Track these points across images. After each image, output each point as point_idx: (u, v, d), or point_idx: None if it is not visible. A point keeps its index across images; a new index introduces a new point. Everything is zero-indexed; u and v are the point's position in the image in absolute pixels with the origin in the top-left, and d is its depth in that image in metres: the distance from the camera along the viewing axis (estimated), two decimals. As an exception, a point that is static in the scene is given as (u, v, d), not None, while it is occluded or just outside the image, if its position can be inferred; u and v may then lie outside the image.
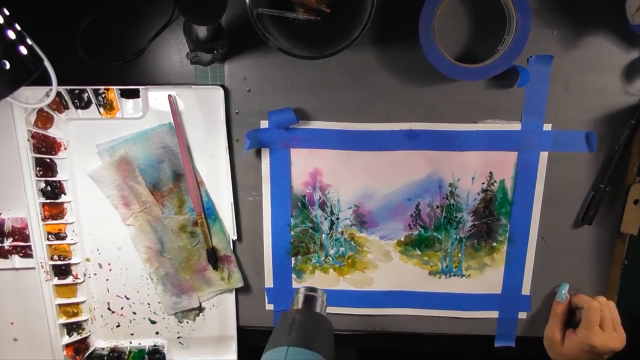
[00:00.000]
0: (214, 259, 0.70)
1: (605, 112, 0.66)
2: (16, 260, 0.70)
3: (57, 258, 0.70)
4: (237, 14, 0.63)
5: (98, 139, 0.67)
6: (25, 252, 0.70)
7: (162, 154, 0.67)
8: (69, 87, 0.64)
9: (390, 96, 0.66)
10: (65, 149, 0.68)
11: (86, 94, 0.65)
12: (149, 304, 0.73)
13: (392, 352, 0.86)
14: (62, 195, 0.68)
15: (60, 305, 0.71)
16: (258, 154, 0.68)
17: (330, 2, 0.59)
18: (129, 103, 0.66)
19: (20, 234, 0.69)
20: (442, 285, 0.73)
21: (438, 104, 0.66)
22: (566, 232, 0.70)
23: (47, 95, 0.62)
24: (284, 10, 0.56)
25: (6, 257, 0.70)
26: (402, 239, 0.71)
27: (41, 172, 0.66)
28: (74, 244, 0.70)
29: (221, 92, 0.65)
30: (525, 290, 0.72)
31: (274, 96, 0.67)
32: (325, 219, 0.71)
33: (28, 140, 0.65)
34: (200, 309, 0.74)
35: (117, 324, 0.74)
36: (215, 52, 0.58)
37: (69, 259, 0.70)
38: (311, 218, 0.71)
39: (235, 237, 0.71)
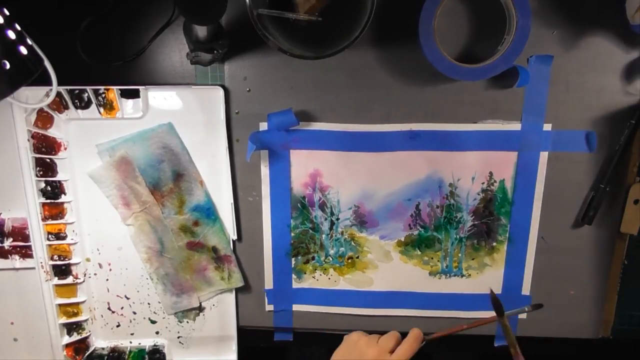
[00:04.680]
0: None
1: (605, 112, 0.66)
2: (16, 260, 0.70)
3: (57, 258, 0.70)
4: (237, 14, 0.63)
5: (98, 139, 0.67)
6: (25, 252, 0.70)
7: (162, 154, 0.67)
8: (69, 87, 0.64)
9: (390, 96, 0.66)
10: (65, 149, 0.68)
11: (86, 94, 0.65)
12: (149, 303, 0.73)
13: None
14: (62, 195, 0.68)
15: (60, 305, 0.71)
16: (258, 154, 0.68)
17: (331, 2, 0.59)
18: (129, 103, 0.66)
19: (20, 234, 0.69)
20: (442, 285, 0.73)
21: (438, 104, 0.66)
22: (566, 232, 0.70)
23: (47, 95, 0.62)
24: (284, 11, 0.56)
25: (6, 257, 0.70)
26: (402, 239, 0.71)
27: (41, 172, 0.66)
28: (74, 244, 0.70)
29: (221, 92, 0.65)
30: (525, 290, 0.72)
31: (274, 96, 0.67)
32: (326, 219, 0.71)
33: (28, 140, 0.65)
34: (200, 309, 0.74)
35: (117, 324, 0.74)
36: (215, 52, 0.58)
37: (69, 259, 0.70)
38: (311, 219, 0.71)
39: (235, 237, 0.71)
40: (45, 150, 0.66)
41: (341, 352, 0.57)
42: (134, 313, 0.74)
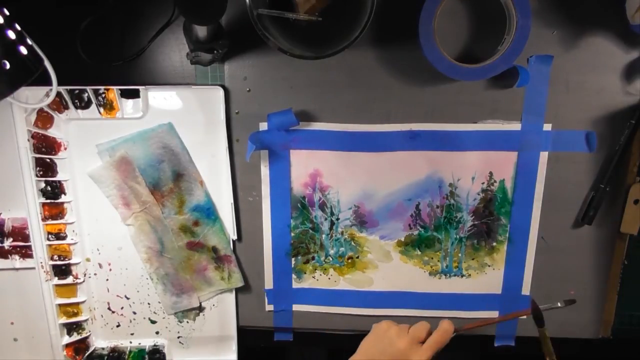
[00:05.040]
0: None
1: (605, 112, 0.66)
2: (16, 260, 0.70)
3: (57, 258, 0.70)
4: (237, 14, 0.63)
5: (98, 139, 0.67)
6: (25, 252, 0.70)
7: (162, 154, 0.67)
8: (69, 87, 0.64)
9: (390, 96, 0.66)
10: (65, 149, 0.68)
11: (86, 94, 0.65)
12: (149, 303, 0.73)
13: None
14: (62, 195, 0.68)
15: (60, 305, 0.71)
16: (258, 155, 0.68)
17: (331, 2, 0.59)
18: (129, 103, 0.66)
19: (20, 234, 0.69)
20: (442, 285, 0.73)
21: (438, 104, 0.66)
22: (566, 232, 0.70)
23: (47, 95, 0.62)
24: (284, 11, 0.56)
25: (6, 257, 0.70)
26: (402, 239, 0.71)
27: (41, 172, 0.66)
28: (74, 244, 0.70)
29: (221, 92, 0.65)
30: (525, 290, 0.72)
31: (274, 96, 0.67)
32: (326, 219, 0.71)
33: (28, 140, 0.65)
34: (200, 309, 0.74)
35: (117, 324, 0.74)
36: (215, 52, 0.58)
37: (69, 259, 0.70)
38: (311, 219, 0.71)
39: (235, 237, 0.71)
40: (45, 150, 0.66)
41: (369, 341, 0.55)
42: (134, 313, 0.74)
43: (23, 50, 0.47)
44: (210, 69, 0.66)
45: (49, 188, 0.67)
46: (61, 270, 0.70)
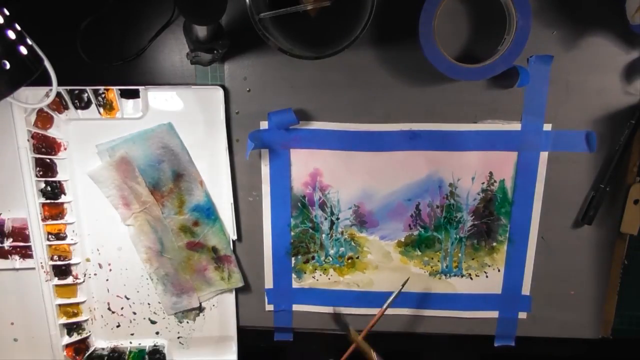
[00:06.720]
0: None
1: (605, 112, 0.66)
2: (16, 261, 0.70)
3: (57, 258, 0.69)
4: (237, 14, 0.63)
5: (98, 139, 0.67)
6: (25, 253, 0.70)
7: (162, 154, 0.67)
8: (69, 87, 0.64)
9: (390, 96, 0.66)
10: (65, 149, 0.68)
11: (86, 94, 0.65)
12: (149, 304, 0.73)
13: (392, 352, 0.86)
14: (62, 196, 0.68)
15: (60, 305, 0.71)
16: (258, 154, 0.68)
17: (331, 3, 0.59)
18: (129, 103, 0.66)
19: (20, 234, 0.69)
20: (442, 285, 0.73)
21: (438, 104, 0.66)
22: (566, 232, 0.70)
23: (47, 95, 0.62)
24: (286, 8, 0.56)
25: (6, 258, 0.70)
26: (402, 239, 0.71)
27: (41, 172, 0.66)
28: (74, 244, 0.70)
29: (221, 92, 0.65)
30: (525, 290, 0.72)
31: (274, 96, 0.67)
32: (326, 219, 0.71)
33: (28, 140, 0.65)
34: (200, 309, 0.74)
35: (117, 324, 0.74)
36: (215, 52, 0.58)
37: (69, 259, 0.70)
38: (311, 218, 0.71)
39: (235, 237, 0.71)
40: (45, 150, 0.66)
41: None
42: (134, 313, 0.74)
43: (23, 50, 0.47)
44: (210, 69, 0.66)
45: (49, 188, 0.67)
46: (61, 271, 0.70)
